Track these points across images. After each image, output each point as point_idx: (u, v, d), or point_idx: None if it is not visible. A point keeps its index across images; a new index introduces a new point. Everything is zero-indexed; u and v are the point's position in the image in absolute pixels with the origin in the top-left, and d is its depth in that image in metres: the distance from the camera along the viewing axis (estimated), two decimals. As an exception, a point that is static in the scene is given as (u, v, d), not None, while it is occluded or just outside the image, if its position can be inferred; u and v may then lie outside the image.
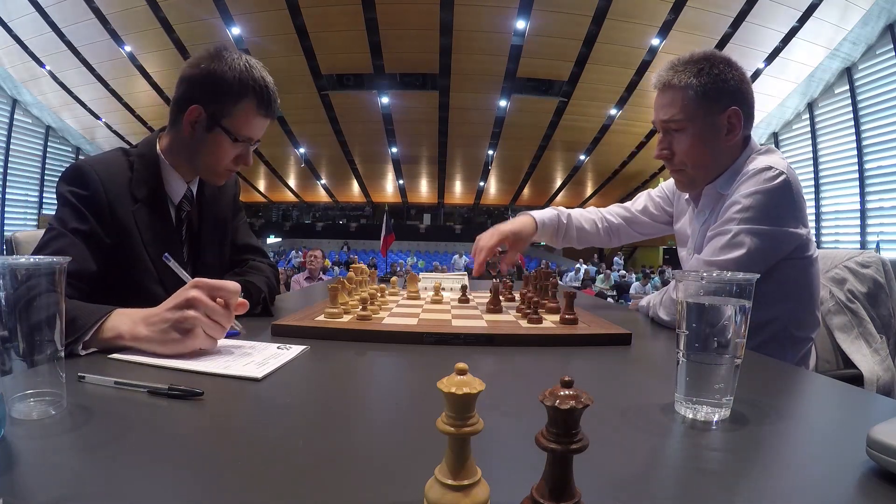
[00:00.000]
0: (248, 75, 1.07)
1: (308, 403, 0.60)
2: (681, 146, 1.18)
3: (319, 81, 14.85)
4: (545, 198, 23.46)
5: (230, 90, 1.06)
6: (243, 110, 1.08)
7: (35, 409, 0.48)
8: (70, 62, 13.18)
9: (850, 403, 0.66)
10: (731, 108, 1.14)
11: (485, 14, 12.23)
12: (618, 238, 1.58)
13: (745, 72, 1.19)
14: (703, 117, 1.15)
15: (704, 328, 0.52)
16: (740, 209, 1.08)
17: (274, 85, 1.12)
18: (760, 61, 12.34)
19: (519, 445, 0.44)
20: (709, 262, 1.10)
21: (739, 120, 1.15)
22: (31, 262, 0.48)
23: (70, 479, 0.37)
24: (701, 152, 1.17)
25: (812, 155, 13.45)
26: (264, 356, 0.72)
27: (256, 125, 1.11)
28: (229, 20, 12.32)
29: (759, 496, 0.37)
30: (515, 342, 0.88)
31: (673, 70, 1.17)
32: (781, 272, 1.11)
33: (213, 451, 0.44)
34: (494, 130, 17.44)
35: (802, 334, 1.19)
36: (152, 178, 1.11)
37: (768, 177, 1.07)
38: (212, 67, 1.06)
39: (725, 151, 1.18)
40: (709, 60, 1.15)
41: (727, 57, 1.17)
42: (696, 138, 1.16)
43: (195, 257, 1.21)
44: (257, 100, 1.08)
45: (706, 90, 1.13)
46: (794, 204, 1.09)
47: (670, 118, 1.17)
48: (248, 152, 1.14)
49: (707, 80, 1.13)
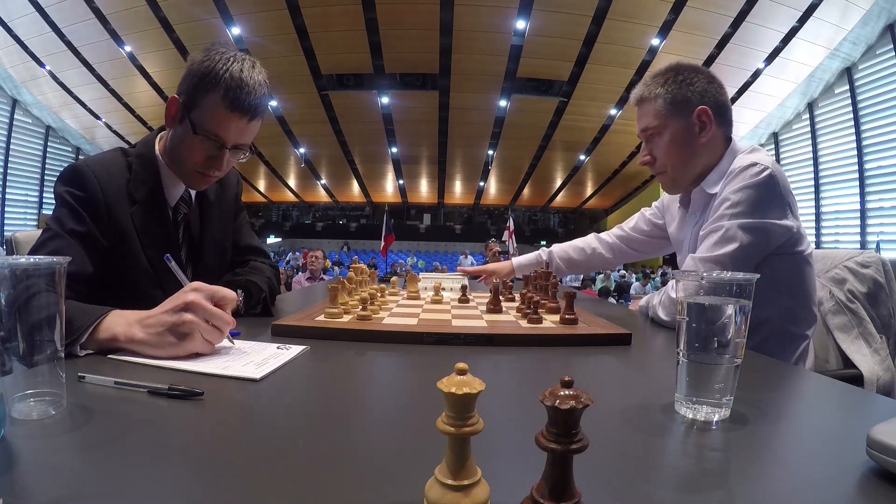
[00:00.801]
0: (224, 67, 1.00)
1: (308, 403, 0.60)
2: (660, 150, 1.27)
3: (319, 81, 14.84)
4: (545, 198, 23.46)
5: (201, 80, 1.01)
6: (209, 102, 1.01)
7: (35, 409, 0.48)
8: (70, 62, 13.17)
9: (850, 403, 0.66)
10: (699, 108, 1.22)
11: (485, 14, 12.22)
12: (616, 257, 1.68)
13: (715, 75, 1.28)
14: (674, 121, 1.24)
15: (704, 328, 0.52)
16: (730, 205, 1.12)
17: (258, 85, 1.03)
18: (760, 61, 12.34)
19: (519, 445, 0.44)
20: (703, 258, 1.13)
21: (709, 117, 1.22)
22: (31, 262, 0.48)
23: (70, 479, 0.37)
24: (677, 153, 1.26)
25: (812, 155, 13.44)
26: (264, 356, 0.72)
27: (222, 120, 1.02)
28: (229, 20, 12.31)
29: (759, 496, 0.37)
30: (515, 342, 0.88)
31: (644, 85, 1.29)
32: (773, 268, 1.13)
33: (213, 451, 0.44)
34: (494, 130, 17.44)
35: (799, 331, 1.20)
36: (151, 179, 1.10)
37: (754, 172, 1.12)
38: (195, 59, 1.03)
39: (702, 150, 1.24)
40: (674, 70, 1.26)
41: (694, 65, 1.28)
42: (672, 141, 1.25)
43: (195, 259, 1.21)
44: (224, 91, 1.00)
45: (674, 96, 1.23)
46: (781, 197, 1.13)
47: (647, 126, 1.28)
48: (220, 155, 1.06)
49: (674, 87, 1.23)
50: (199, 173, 1.09)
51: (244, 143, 1.09)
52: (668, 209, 1.50)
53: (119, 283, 1.05)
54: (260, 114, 1.07)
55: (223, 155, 1.06)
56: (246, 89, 1.01)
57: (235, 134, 1.05)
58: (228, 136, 1.05)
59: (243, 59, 1.03)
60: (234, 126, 1.04)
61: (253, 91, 1.02)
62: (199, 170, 1.08)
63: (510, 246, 10.13)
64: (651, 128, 1.27)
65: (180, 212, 1.16)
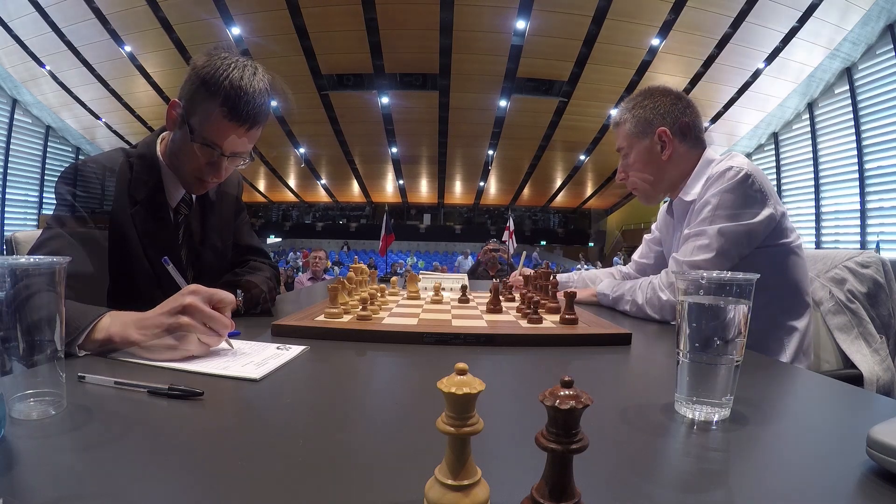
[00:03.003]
0: (224, 74, 0.99)
1: (308, 403, 0.60)
2: (631, 168, 1.41)
3: (319, 81, 14.84)
4: (545, 198, 23.45)
5: (202, 86, 1.00)
6: (208, 109, 1.00)
7: (35, 409, 0.48)
8: (70, 62, 13.17)
9: (850, 403, 0.66)
10: (659, 129, 1.33)
11: (485, 14, 12.22)
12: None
13: (683, 95, 1.38)
14: (639, 142, 1.37)
15: (704, 328, 0.52)
16: (710, 209, 1.19)
17: (258, 92, 1.02)
18: (760, 61, 12.33)
19: (519, 445, 0.44)
20: (688, 262, 1.18)
21: (668, 137, 1.33)
22: (31, 261, 0.48)
23: (70, 479, 0.37)
24: (645, 170, 1.38)
25: (812, 155, 13.43)
26: (263, 356, 0.72)
27: (220, 128, 1.01)
28: (229, 20, 12.31)
29: (759, 496, 0.37)
30: (515, 342, 0.88)
31: (619, 110, 1.43)
32: (756, 261, 1.17)
33: (213, 451, 0.44)
34: (494, 130, 17.43)
35: (790, 321, 1.21)
36: (152, 180, 1.10)
37: (730, 175, 1.18)
38: (198, 63, 1.02)
39: (667, 165, 1.35)
40: (642, 94, 1.39)
41: (664, 88, 1.39)
42: (639, 160, 1.38)
43: (196, 259, 1.21)
44: (222, 99, 0.99)
45: (637, 121, 1.37)
46: (759, 192, 1.17)
47: (619, 147, 1.42)
48: (218, 163, 1.05)
49: (640, 111, 1.37)
50: (198, 179, 1.09)
51: (243, 151, 1.08)
52: (663, 223, 1.56)
53: (119, 283, 1.04)
54: (260, 122, 1.05)
55: (221, 162, 1.06)
56: (245, 98, 1.00)
57: (233, 142, 1.04)
58: (226, 144, 1.04)
59: (245, 66, 1.02)
60: (233, 134, 1.03)
61: (252, 99, 1.00)
62: (197, 175, 1.08)
63: (510, 246, 10.12)
64: (622, 148, 1.41)
65: (181, 213, 1.16)
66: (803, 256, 1.25)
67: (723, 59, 12.10)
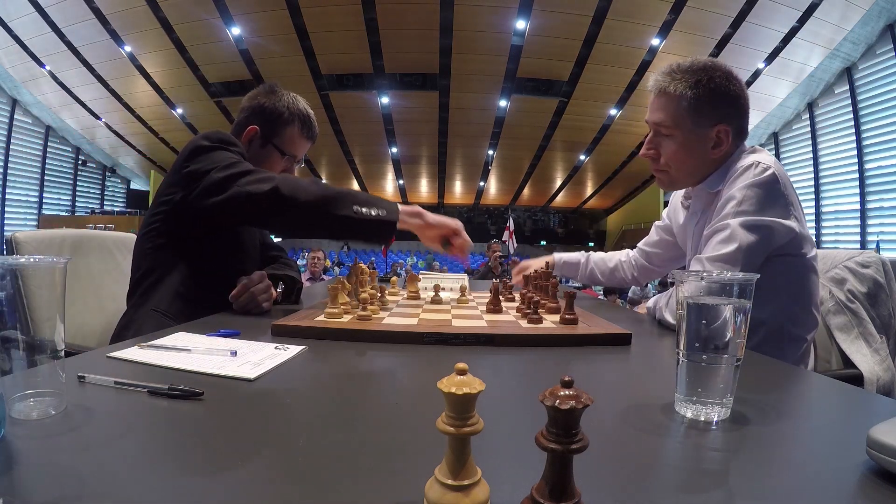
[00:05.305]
0: (295, 107, 1.39)
1: (308, 403, 0.60)
2: (667, 150, 1.22)
3: (319, 81, 14.85)
4: (545, 198, 23.45)
5: (280, 117, 1.37)
6: (290, 133, 1.39)
7: (35, 409, 0.48)
8: (70, 62, 13.18)
9: (850, 403, 0.66)
10: (721, 126, 1.17)
11: (485, 14, 12.23)
12: (640, 274, 1.67)
13: (744, 86, 1.21)
14: (691, 128, 1.18)
15: (704, 328, 0.52)
16: (735, 203, 1.11)
17: (314, 115, 1.44)
18: (760, 61, 12.34)
19: (519, 445, 0.44)
20: (710, 258, 1.10)
21: (728, 137, 1.18)
22: (32, 261, 0.48)
23: (70, 479, 0.37)
24: (685, 160, 1.22)
25: (812, 155, 13.44)
26: (260, 356, 0.72)
27: (300, 145, 1.42)
28: (229, 20, 12.32)
29: (759, 496, 0.37)
30: (515, 342, 0.88)
31: (671, 76, 1.19)
32: (774, 269, 1.12)
33: (213, 451, 0.44)
34: (494, 130, 17.45)
35: (800, 332, 1.19)
36: None
37: (758, 171, 1.11)
38: (267, 100, 1.37)
39: (709, 162, 1.21)
40: (707, 72, 1.16)
41: (728, 70, 1.19)
42: (683, 146, 1.20)
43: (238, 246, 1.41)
44: (300, 125, 1.39)
45: (699, 103, 1.16)
46: (784, 197, 1.12)
47: (660, 122, 1.21)
48: (291, 167, 1.42)
49: (702, 92, 1.15)
50: None
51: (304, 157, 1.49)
52: (674, 210, 1.49)
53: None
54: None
55: (294, 166, 1.44)
56: (312, 120, 1.43)
57: (303, 152, 1.46)
58: (300, 155, 1.45)
59: (296, 97, 1.41)
60: (304, 147, 1.45)
61: (315, 121, 1.45)
62: None
63: (510, 246, 10.12)
64: (664, 126, 1.21)
65: None
66: (818, 273, 1.22)
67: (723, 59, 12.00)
